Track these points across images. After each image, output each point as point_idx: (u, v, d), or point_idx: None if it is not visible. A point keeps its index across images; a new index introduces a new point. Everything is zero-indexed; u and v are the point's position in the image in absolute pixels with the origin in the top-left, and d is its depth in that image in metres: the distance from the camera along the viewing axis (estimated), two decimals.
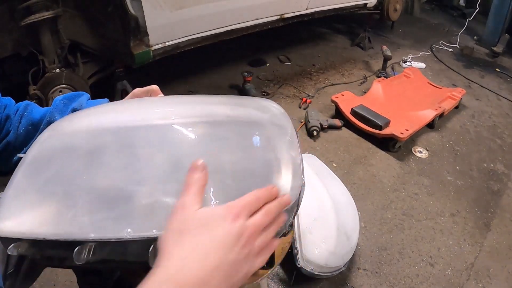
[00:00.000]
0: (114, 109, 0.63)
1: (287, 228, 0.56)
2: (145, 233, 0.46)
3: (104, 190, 0.49)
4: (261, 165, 0.54)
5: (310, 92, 2.57)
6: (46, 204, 0.48)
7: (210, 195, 0.48)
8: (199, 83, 2.50)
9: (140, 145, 0.54)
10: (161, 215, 0.46)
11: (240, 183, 0.51)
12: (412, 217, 1.68)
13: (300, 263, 1.23)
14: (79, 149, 0.53)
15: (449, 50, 3.58)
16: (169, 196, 0.48)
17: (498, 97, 2.87)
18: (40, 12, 1.48)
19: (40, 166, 0.52)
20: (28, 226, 0.46)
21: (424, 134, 2.27)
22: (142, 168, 0.51)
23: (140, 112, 0.60)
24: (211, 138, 0.56)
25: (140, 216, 0.47)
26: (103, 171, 0.51)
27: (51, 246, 0.47)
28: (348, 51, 3.30)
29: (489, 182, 1.97)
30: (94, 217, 0.47)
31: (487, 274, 1.47)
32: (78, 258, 0.45)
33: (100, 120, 0.58)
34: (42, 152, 0.54)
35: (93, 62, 1.85)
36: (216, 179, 0.50)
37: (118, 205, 0.48)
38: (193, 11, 1.83)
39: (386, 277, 1.40)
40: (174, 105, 0.63)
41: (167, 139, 0.55)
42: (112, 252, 0.47)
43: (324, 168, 1.58)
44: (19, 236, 0.46)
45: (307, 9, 2.51)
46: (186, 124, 0.56)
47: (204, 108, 0.62)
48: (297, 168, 0.54)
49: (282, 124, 0.61)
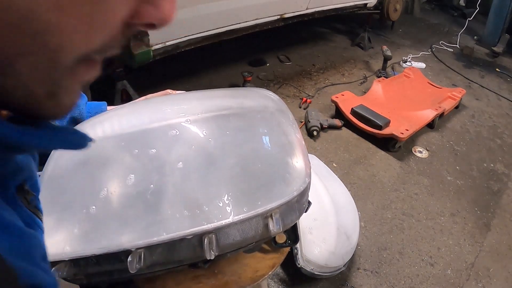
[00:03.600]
0: (124, 113, 0.62)
1: (306, 204, 0.60)
2: (195, 228, 0.46)
3: (136, 195, 0.49)
4: (278, 150, 0.57)
5: (310, 92, 2.57)
6: (76, 221, 0.47)
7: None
8: (199, 83, 2.49)
9: (159, 146, 0.54)
10: (200, 209, 0.48)
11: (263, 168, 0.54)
12: (412, 217, 1.68)
13: (300, 263, 1.23)
14: (97, 159, 0.53)
15: (449, 50, 3.58)
16: (202, 192, 0.50)
17: (498, 97, 2.87)
18: None
19: (60, 183, 0.51)
20: (66, 246, 0.45)
21: (424, 134, 2.27)
22: (168, 169, 0.52)
23: (152, 113, 0.60)
24: (228, 130, 0.58)
25: (181, 215, 0.48)
26: (129, 177, 0.51)
27: (96, 262, 0.46)
28: (348, 51, 3.30)
29: (489, 182, 1.97)
30: (137, 224, 0.47)
31: (487, 274, 1.47)
32: (131, 266, 0.44)
33: (113, 126, 0.57)
34: (58, 169, 0.53)
35: None
36: (240, 169, 0.53)
37: (157, 208, 0.48)
38: (193, 11, 1.83)
39: (386, 277, 1.40)
40: (185, 103, 0.64)
41: (185, 137, 0.56)
42: (161, 255, 0.47)
43: (324, 168, 1.58)
44: (58, 258, 0.44)
45: (307, 9, 2.51)
46: (202, 120, 0.58)
47: (215, 102, 0.64)
48: (305, 148, 0.60)
49: (283, 110, 0.66)
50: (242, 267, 0.69)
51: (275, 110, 0.64)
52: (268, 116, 0.62)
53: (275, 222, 0.50)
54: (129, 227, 0.47)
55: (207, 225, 0.47)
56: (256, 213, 0.49)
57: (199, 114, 0.59)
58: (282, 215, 0.52)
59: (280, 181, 0.53)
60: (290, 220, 0.55)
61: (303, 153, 0.58)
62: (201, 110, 0.60)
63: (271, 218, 0.50)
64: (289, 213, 0.54)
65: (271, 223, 0.50)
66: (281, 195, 0.51)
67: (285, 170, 0.54)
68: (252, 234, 0.51)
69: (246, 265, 0.70)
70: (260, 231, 0.51)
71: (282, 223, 0.51)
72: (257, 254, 0.72)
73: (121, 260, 0.45)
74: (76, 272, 0.46)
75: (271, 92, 0.71)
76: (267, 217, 0.50)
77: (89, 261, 0.46)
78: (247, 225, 0.50)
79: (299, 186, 0.53)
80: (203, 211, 0.48)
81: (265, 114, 0.63)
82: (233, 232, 0.49)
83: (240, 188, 0.51)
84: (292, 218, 0.55)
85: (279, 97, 0.70)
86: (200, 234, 0.47)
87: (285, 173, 0.54)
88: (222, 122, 0.59)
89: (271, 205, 0.50)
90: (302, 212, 0.58)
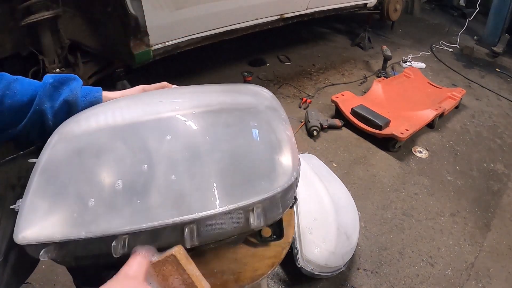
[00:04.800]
0: (118, 106, 0.64)
1: (292, 200, 0.61)
2: (177, 218, 0.49)
3: (125, 184, 0.51)
4: (265, 147, 0.59)
5: (310, 92, 2.57)
6: (68, 206, 0.50)
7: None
8: (199, 83, 2.48)
9: (150, 139, 0.56)
10: (184, 199, 0.50)
11: (249, 164, 0.56)
12: (412, 217, 1.68)
13: (300, 263, 1.23)
14: (90, 150, 0.55)
15: (449, 50, 3.58)
16: (187, 184, 0.52)
17: (498, 97, 2.86)
18: (40, 12, 1.47)
19: (54, 170, 0.54)
20: (56, 229, 0.48)
21: (424, 134, 2.27)
22: (157, 160, 0.54)
23: (145, 107, 0.62)
24: (217, 125, 0.59)
25: (166, 204, 0.50)
26: (120, 167, 0.54)
27: (84, 246, 0.49)
28: (348, 51, 3.30)
29: (489, 182, 1.97)
30: (124, 212, 0.49)
31: (487, 274, 1.47)
32: (115, 251, 0.47)
33: (107, 119, 0.60)
34: (54, 157, 0.56)
35: (93, 62, 1.85)
36: (226, 163, 0.54)
37: (143, 197, 0.50)
38: (193, 11, 1.83)
39: (386, 277, 1.40)
40: (177, 97, 0.66)
41: (176, 131, 0.58)
42: (145, 241, 0.50)
43: (324, 168, 1.58)
44: (48, 240, 0.47)
45: (307, 9, 2.51)
46: (193, 115, 0.60)
47: (208, 98, 0.66)
48: (294, 146, 0.60)
49: (275, 107, 0.67)
50: (241, 266, 0.69)
51: (266, 107, 0.65)
52: (259, 113, 0.63)
53: (256, 217, 0.52)
54: (116, 214, 0.49)
55: (189, 215, 0.49)
56: (238, 206, 0.51)
57: (191, 109, 0.61)
58: (264, 210, 0.53)
59: (264, 177, 0.55)
60: (273, 215, 0.56)
61: (291, 150, 0.59)
62: (193, 105, 0.62)
63: (252, 212, 0.52)
64: (272, 209, 0.55)
65: (252, 217, 0.52)
66: (265, 190, 0.53)
67: (271, 166, 0.56)
68: (233, 227, 0.53)
69: (245, 264, 0.70)
70: (241, 224, 0.53)
71: (264, 217, 0.53)
72: (256, 253, 0.72)
73: (108, 245, 0.48)
74: (65, 254, 0.49)
75: (265, 89, 0.72)
76: (248, 211, 0.52)
77: (77, 244, 0.48)
78: (229, 217, 0.51)
79: (284, 182, 0.54)
80: (187, 202, 0.50)
81: (256, 111, 0.64)
82: (214, 224, 0.51)
83: (225, 182, 0.53)
84: (275, 214, 0.57)
85: (272, 94, 0.71)
86: (182, 224, 0.49)
87: (270, 169, 0.56)
88: (213, 117, 0.60)
89: (253, 199, 0.52)
90: (286, 208, 0.59)
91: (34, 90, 0.63)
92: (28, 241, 0.47)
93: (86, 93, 0.67)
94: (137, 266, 0.48)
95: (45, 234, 0.47)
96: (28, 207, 0.50)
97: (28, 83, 0.64)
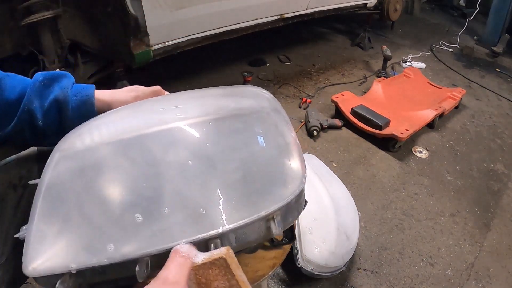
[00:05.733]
0: (120, 117, 0.61)
1: (303, 204, 0.60)
2: (200, 235, 0.47)
3: (137, 203, 0.48)
4: (276, 152, 0.57)
5: (310, 92, 2.57)
6: (79, 231, 0.46)
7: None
8: (199, 83, 2.49)
9: (158, 151, 0.53)
10: (203, 214, 0.48)
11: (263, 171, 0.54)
12: (412, 217, 1.68)
13: (300, 263, 1.23)
14: (96, 167, 0.51)
15: (449, 50, 3.58)
16: (204, 197, 0.50)
17: (498, 97, 2.87)
18: (40, 12, 1.47)
19: (59, 192, 0.49)
20: (70, 257, 0.44)
21: (424, 134, 2.27)
22: (169, 175, 0.51)
23: (148, 117, 0.59)
24: (226, 133, 0.58)
25: (185, 221, 0.47)
26: (130, 184, 0.50)
27: (102, 272, 0.45)
28: (348, 51, 3.30)
29: (489, 182, 1.97)
30: (141, 232, 0.46)
31: (487, 274, 1.47)
32: (140, 276, 0.44)
33: (109, 132, 0.56)
34: (57, 177, 0.51)
35: (93, 62, 1.85)
36: (242, 173, 0.53)
37: (161, 214, 0.47)
38: (193, 11, 1.83)
39: (386, 277, 1.40)
40: (181, 105, 0.64)
41: (184, 142, 0.55)
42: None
43: (324, 168, 1.58)
44: (63, 270, 0.43)
45: (307, 9, 2.51)
46: (201, 124, 0.58)
47: (212, 103, 0.64)
48: (300, 148, 0.60)
49: (277, 108, 0.65)
50: (242, 267, 0.69)
51: (271, 110, 0.63)
52: (265, 117, 0.62)
53: (277, 224, 0.50)
54: (133, 235, 0.46)
55: (212, 231, 0.47)
56: (259, 217, 0.49)
57: (196, 117, 0.58)
58: (282, 216, 0.52)
59: (279, 183, 0.53)
60: (290, 220, 0.56)
61: (299, 153, 0.58)
62: (198, 113, 0.60)
63: (273, 221, 0.51)
64: (289, 214, 0.54)
65: (273, 225, 0.51)
66: (281, 197, 0.52)
67: (283, 171, 0.55)
68: (255, 237, 0.52)
69: (246, 265, 0.70)
70: (262, 234, 0.52)
71: (283, 224, 0.52)
72: (257, 254, 0.72)
73: (128, 268, 0.45)
74: (81, 282, 0.46)
75: (265, 90, 0.71)
76: (269, 220, 0.51)
77: (95, 271, 0.45)
78: (250, 228, 0.50)
79: (297, 186, 0.54)
80: (207, 217, 0.48)
81: (261, 115, 0.62)
82: (238, 236, 0.50)
83: (242, 192, 0.51)
84: (291, 218, 0.56)
85: (272, 95, 0.70)
86: (206, 240, 0.47)
87: (283, 175, 0.55)
88: (220, 125, 0.58)
89: (273, 207, 0.50)
90: (300, 211, 0.58)
91: (23, 88, 0.60)
92: (40, 273, 0.43)
93: (77, 91, 0.64)
94: (177, 269, 0.43)
95: (58, 263, 0.43)
96: (35, 235, 0.45)
97: (19, 80, 0.61)
